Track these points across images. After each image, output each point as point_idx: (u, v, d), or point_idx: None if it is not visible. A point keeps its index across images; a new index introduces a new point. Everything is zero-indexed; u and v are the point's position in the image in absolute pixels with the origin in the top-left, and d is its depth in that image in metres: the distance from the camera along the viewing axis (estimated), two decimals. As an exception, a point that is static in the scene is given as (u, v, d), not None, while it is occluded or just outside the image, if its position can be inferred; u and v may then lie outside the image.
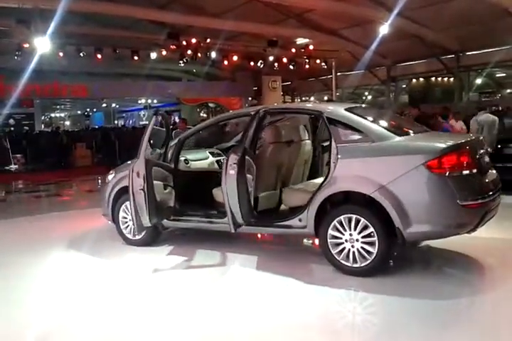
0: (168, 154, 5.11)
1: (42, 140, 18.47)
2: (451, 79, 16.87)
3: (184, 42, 14.01)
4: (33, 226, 6.76)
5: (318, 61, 16.80)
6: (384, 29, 12.90)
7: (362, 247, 3.97)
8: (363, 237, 3.97)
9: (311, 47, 15.79)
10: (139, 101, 28.60)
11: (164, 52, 14.75)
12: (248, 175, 4.33)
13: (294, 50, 15.98)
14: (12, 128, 23.45)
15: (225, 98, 20.63)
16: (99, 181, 13.05)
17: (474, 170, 3.92)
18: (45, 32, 11.79)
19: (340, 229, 4.05)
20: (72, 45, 13.87)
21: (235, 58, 15.83)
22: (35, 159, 17.03)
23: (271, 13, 14.47)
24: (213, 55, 15.18)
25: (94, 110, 37.70)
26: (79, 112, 39.35)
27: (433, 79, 18.30)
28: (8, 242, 5.76)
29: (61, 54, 13.68)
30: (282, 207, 4.81)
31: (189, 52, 14.61)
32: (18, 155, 16.89)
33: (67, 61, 14.82)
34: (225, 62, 16.14)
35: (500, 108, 12.23)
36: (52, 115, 39.30)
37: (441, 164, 3.78)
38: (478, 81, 18.03)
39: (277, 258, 4.71)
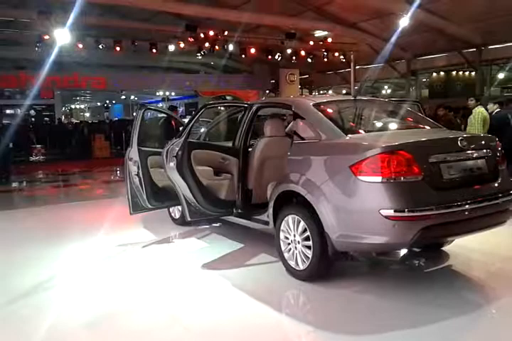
0: None
1: (63, 132, 18.79)
2: (473, 73, 16.55)
3: (202, 35, 14.00)
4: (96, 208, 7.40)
5: (336, 54, 16.64)
6: (404, 22, 12.67)
7: (302, 250, 3.81)
8: (303, 240, 3.80)
9: (329, 39, 15.65)
10: (157, 94, 28.75)
11: (182, 45, 14.76)
12: (205, 168, 4.50)
13: (312, 43, 15.85)
14: (33, 119, 23.80)
15: (242, 91, 20.62)
16: (118, 172, 13.27)
17: (415, 177, 3.33)
18: (65, 24, 11.92)
19: (287, 229, 3.96)
20: (92, 36, 13.98)
21: (253, 51, 15.76)
22: (55, 150, 17.38)
23: (289, 5, 14.35)
24: (231, 47, 15.13)
25: (114, 102, 38.04)
26: (98, 104, 39.77)
27: (454, 73, 17.97)
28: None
29: (80, 46, 13.82)
30: None
31: (207, 44, 14.61)
32: (39, 146, 17.23)
33: (86, 53, 14.97)
34: (243, 55, 16.10)
35: None
36: (73, 106, 39.80)
37: (367, 168, 3.32)
38: (501, 75, 17.65)
39: (255, 252, 4.68)
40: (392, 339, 2.98)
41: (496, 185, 3.75)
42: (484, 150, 3.81)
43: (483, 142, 3.93)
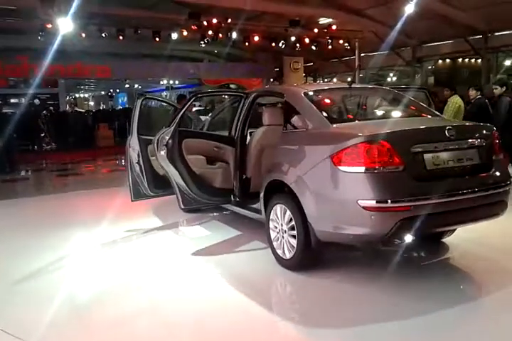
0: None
1: (67, 120, 18.77)
2: (479, 60, 16.37)
3: (205, 23, 13.90)
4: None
5: (341, 41, 16.48)
6: (409, 8, 12.53)
7: (288, 239, 3.83)
8: (289, 229, 3.81)
9: (334, 27, 15.46)
10: (161, 82, 28.65)
11: (185, 33, 14.64)
12: (197, 156, 4.54)
13: (316, 30, 15.68)
14: (37, 108, 23.74)
15: (246, 79, 20.51)
16: (123, 161, 13.33)
17: (395, 168, 3.25)
18: (67, 12, 11.86)
19: (276, 218, 3.98)
20: (95, 25, 13.90)
21: (256, 39, 15.63)
22: (59, 139, 17.44)
23: (293, -9, 14.17)
24: (234, 35, 15.01)
25: (118, 91, 37.94)
26: (102, 93, 39.68)
27: (460, 60, 17.79)
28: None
29: (83, 34, 13.76)
30: None
31: (210, 32, 14.50)
32: (42, 135, 17.29)
33: (89, 41, 14.89)
34: (246, 43, 15.97)
35: None
36: (77, 95, 39.74)
37: (345, 158, 3.29)
38: (507, 62, 17.44)
39: (251, 241, 4.73)
40: (373, 332, 2.92)
41: (489, 176, 3.62)
42: (477, 140, 3.67)
43: (476, 131, 3.79)
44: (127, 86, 33.42)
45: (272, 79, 21.21)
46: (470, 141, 3.64)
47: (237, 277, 3.86)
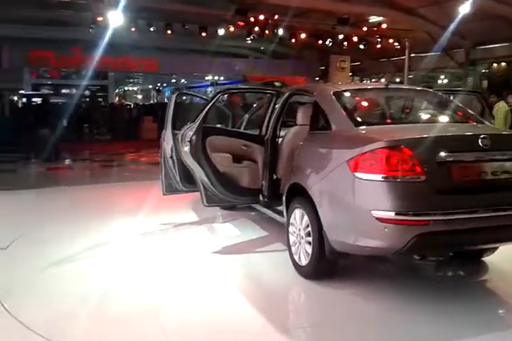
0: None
1: (116, 113, 19.27)
2: (537, 64, 15.55)
3: (252, 19, 13.89)
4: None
5: (391, 41, 16.07)
6: (465, 8, 12.03)
7: (304, 246, 3.64)
8: (306, 235, 3.61)
9: (384, 25, 15.10)
10: (206, 78, 28.93)
11: (232, 29, 14.72)
12: (223, 154, 4.43)
13: (365, 29, 15.36)
14: (87, 99, 24.50)
15: (291, 77, 20.36)
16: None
17: (416, 177, 2.97)
18: (117, 6, 12.14)
19: (295, 222, 3.80)
20: (144, 19, 14.17)
21: (303, 36, 15.50)
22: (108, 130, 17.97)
23: (343, -11, 13.92)
24: (281, 32, 14.95)
25: (165, 85, 38.62)
26: (150, 86, 40.52)
27: (516, 64, 16.94)
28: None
29: (133, 28, 14.04)
30: None
31: (256, 29, 14.49)
32: (86, 125, 17.86)
33: (138, 35, 15.20)
34: (293, 40, 15.84)
35: None
36: (126, 88, 40.77)
37: (362, 164, 3.05)
38: None
39: (275, 242, 4.57)
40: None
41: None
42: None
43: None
44: (174, 80, 33.95)
45: (317, 78, 20.98)
46: (509, 152, 3.27)
47: (253, 281, 3.75)
